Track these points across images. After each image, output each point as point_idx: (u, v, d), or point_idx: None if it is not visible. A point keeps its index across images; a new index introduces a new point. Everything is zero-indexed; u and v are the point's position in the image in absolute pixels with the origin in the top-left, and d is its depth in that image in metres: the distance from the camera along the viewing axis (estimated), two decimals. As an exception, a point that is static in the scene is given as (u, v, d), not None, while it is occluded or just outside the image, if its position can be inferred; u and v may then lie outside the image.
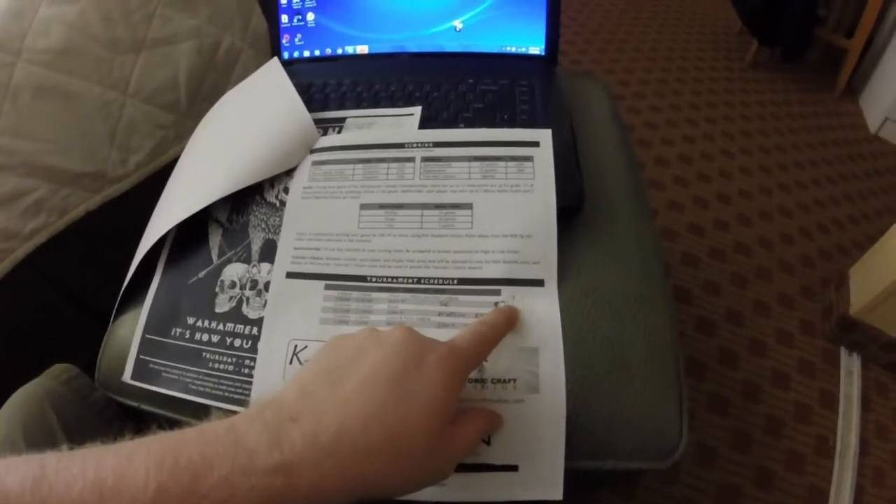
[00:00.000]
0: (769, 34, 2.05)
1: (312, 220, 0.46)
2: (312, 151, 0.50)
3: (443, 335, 0.40)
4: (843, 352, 1.24)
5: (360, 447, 0.27)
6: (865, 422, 1.13)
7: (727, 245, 1.44)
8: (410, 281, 0.43)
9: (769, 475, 1.03)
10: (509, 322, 0.39)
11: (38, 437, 0.41)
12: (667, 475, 0.99)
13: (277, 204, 0.48)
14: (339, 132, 0.52)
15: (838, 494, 1.01)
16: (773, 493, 1.00)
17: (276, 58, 0.60)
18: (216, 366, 0.42)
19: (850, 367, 1.22)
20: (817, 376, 1.19)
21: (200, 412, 0.42)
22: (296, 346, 0.41)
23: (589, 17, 2.45)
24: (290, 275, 0.44)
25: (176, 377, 0.43)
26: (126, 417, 0.47)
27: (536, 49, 0.61)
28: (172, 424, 0.44)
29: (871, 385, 1.19)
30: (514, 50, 0.61)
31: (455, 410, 0.31)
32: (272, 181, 0.49)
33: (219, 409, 0.38)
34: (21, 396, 0.44)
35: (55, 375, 0.46)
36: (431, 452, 0.30)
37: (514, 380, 0.38)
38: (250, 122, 0.54)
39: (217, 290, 0.45)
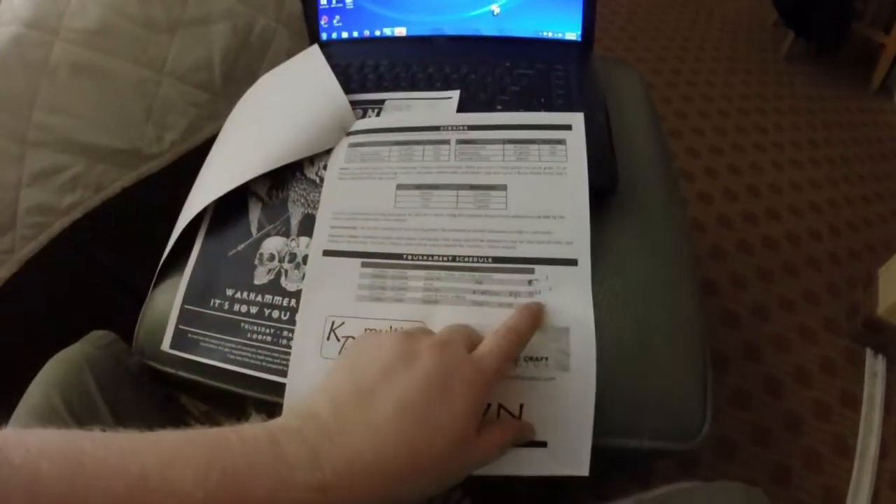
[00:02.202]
0: (805, 27, 2.01)
1: (349, 199, 0.47)
2: (349, 133, 0.51)
3: (477, 313, 0.41)
4: (869, 353, 1.22)
5: (390, 472, 0.29)
6: (886, 424, 1.11)
7: (755, 239, 1.42)
8: (446, 259, 0.43)
9: (787, 472, 1.02)
10: (535, 323, 0.39)
11: (76, 400, 0.42)
12: (686, 466, 1.00)
13: (318, 181, 0.49)
14: (377, 114, 0.53)
15: (855, 496, 1.00)
16: (790, 490, 1.00)
17: (316, 45, 0.61)
18: (254, 336, 0.43)
19: (875, 369, 1.20)
20: (839, 375, 1.18)
21: (237, 380, 0.44)
22: (333, 323, 0.42)
23: (622, 4, 2.42)
24: (326, 252, 0.45)
25: (214, 346, 0.44)
26: (160, 382, 0.49)
27: (572, 35, 0.61)
28: (206, 394, 0.46)
29: (894, 387, 1.18)
30: (550, 35, 0.61)
31: (478, 423, 0.33)
32: (312, 159, 0.50)
33: (258, 415, 0.39)
34: (60, 360, 0.45)
35: (93, 341, 0.47)
36: (451, 466, 0.32)
37: (546, 358, 0.39)
38: (288, 103, 0.55)
39: (256, 262, 0.46)
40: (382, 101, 0.54)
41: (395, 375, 0.32)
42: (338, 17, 0.64)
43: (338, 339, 0.41)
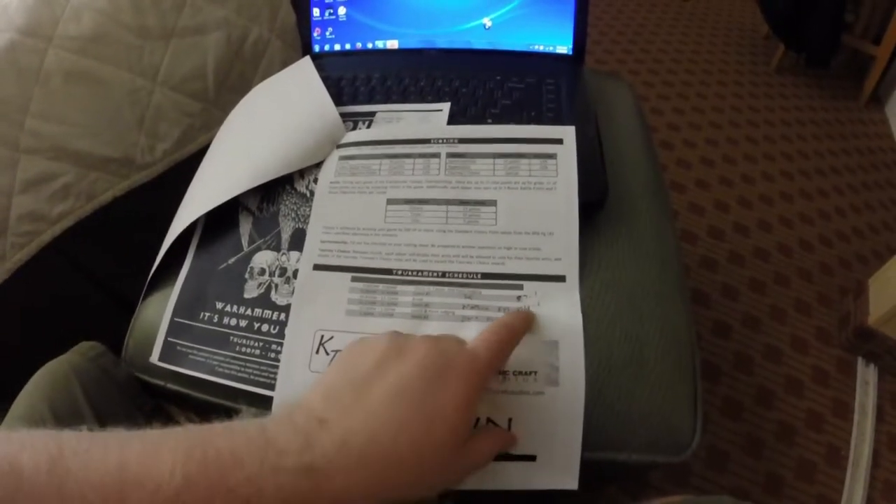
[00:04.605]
0: (796, 39, 2.03)
1: (339, 214, 0.47)
2: (339, 146, 0.51)
3: (466, 328, 0.41)
4: (861, 362, 1.23)
5: (390, 457, 0.28)
6: (878, 433, 1.12)
7: (746, 250, 1.43)
8: (435, 274, 0.43)
9: (779, 482, 1.02)
10: (527, 322, 0.39)
11: (63, 411, 0.42)
12: (677, 477, 0.99)
13: (308, 194, 0.49)
14: (368, 126, 0.53)
15: (848, 506, 1.01)
16: (783, 501, 1.00)
17: (307, 56, 0.61)
18: (243, 350, 0.43)
19: (867, 378, 1.21)
20: (831, 385, 1.19)
21: (225, 393, 0.43)
22: (322, 337, 0.42)
23: (615, 17, 2.44)
24: (317, 267, 0.45)
25: (203, 359, 0.44)
26: (149, 394, 0.48)
27: (564, 48, 0.62)
28: (196, 405, 0.46)
29: (886, 396, 1.18)
30: (541, 48, 0.62)
31: (473, 420, 0.32)
32: (302, 173, 0.50)
33: (249, 409, 0.39)
34: (48, 370, 0.45)
35: (82, 352, 0.47)
36: (452, 463, 0.31)
37: (535, 372, 0.39)
38: (278, 116, 0.55)
39: (246, 276, 0.46)
40: (373, 113, 0.54)
41: (388, 365, 0.31)
42: (330, 29, 0.64)
43: (327, 353, 0.41)
